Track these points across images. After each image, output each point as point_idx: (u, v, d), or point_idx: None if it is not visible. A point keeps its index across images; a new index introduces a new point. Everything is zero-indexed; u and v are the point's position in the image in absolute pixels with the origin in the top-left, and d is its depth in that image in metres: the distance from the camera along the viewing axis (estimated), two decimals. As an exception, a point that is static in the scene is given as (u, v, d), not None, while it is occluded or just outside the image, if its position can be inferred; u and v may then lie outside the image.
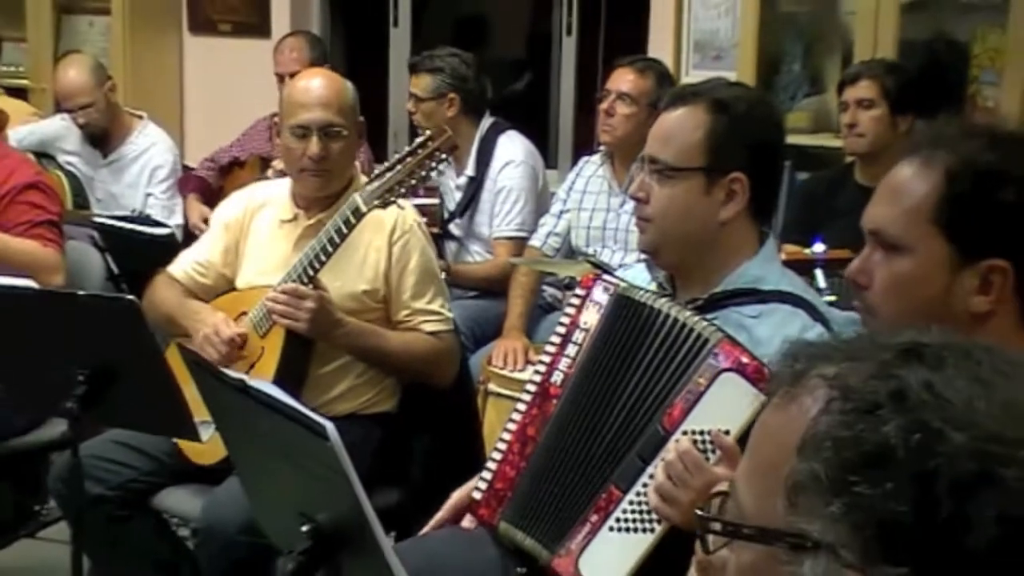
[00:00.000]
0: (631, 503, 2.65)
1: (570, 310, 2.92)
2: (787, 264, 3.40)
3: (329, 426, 2.32)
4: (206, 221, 5.58)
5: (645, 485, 2.60)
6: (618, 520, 2.66)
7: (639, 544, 2.62)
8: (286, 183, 4.00)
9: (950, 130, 2.23)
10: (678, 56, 6.07)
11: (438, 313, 3.90)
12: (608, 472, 2.70)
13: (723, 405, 2.53)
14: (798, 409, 1.20)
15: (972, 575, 1.10)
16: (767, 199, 2.94)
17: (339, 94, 3.90)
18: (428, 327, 3.86)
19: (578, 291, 2.93)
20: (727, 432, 2.47)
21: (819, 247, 4.53)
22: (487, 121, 5.70)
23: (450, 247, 5.60)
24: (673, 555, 2.37)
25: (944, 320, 2.02)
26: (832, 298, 3.93)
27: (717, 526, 1.26)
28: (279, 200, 3.99)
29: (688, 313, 2.69)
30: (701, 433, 2.54)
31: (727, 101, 2.85)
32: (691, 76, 5.93)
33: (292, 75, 5.29)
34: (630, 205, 3.72)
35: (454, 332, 4.04)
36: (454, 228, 5.66)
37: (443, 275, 4.86)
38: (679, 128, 2.85)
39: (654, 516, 2.59)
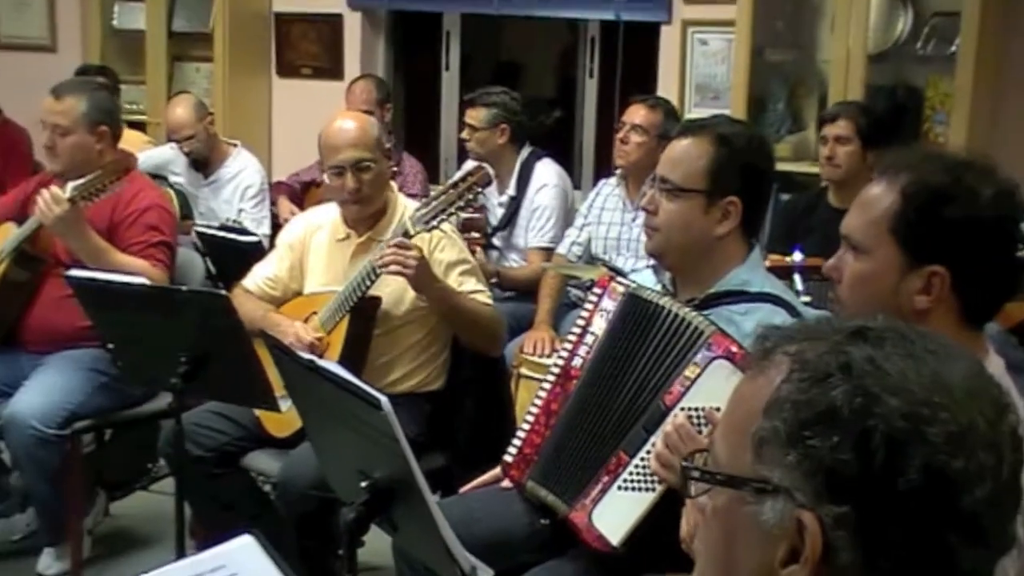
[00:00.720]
0: (636, 467, 2.66)
1: (589, 305, 2.94)
2: (770, 269, 3.41)
3: (383, 399, 2.34)
4: (293, 213, 5.71)
5: (648, 452, 2.62)
6: (625, 481, 2.68)
7: (642, 501, 2.63)
8: (336, 207, 4.01)
9: (913, 155, 2.24)
10: (682, 96, 6.06)
11: (483, 291, 3.92)
12: (618, 440, 2.72)
13: (714, 386, 2.53)
14: (766, 380, 1.22)
15: (901, 512, 1.13)
16: (756, 218, 2.96)
17: (365, 132, 3.89)
18: (481, 298, 3.88)
19: (596, 289, 2.95)
20: (718, 409, 2.46)
21: (797, 256, 4.52)
22: (526, 150, 5.69)
23: (492, 255, 5.61)
24: (670, 511, 2.38)
25: (893, 313, 2.03)
26: (807, 299, 3.92)
27: (697, 474, 1.28)
28: (333, 222, 4.01)
29: (687, 309, 2.71)
30: (696, 410, 2.56)
31: (729, 136, 2.86)
32: (693, 112, 5.94)
33: (362, 111, 5.34)
34: (641, 219, 3.72)
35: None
36: (496, 240, 5.66)
37: (494, 279, 4.91)
38: (687, 155, 2.86)
39: (655, 478, 2.60)
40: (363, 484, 2.43)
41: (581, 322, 2.93)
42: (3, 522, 4.53)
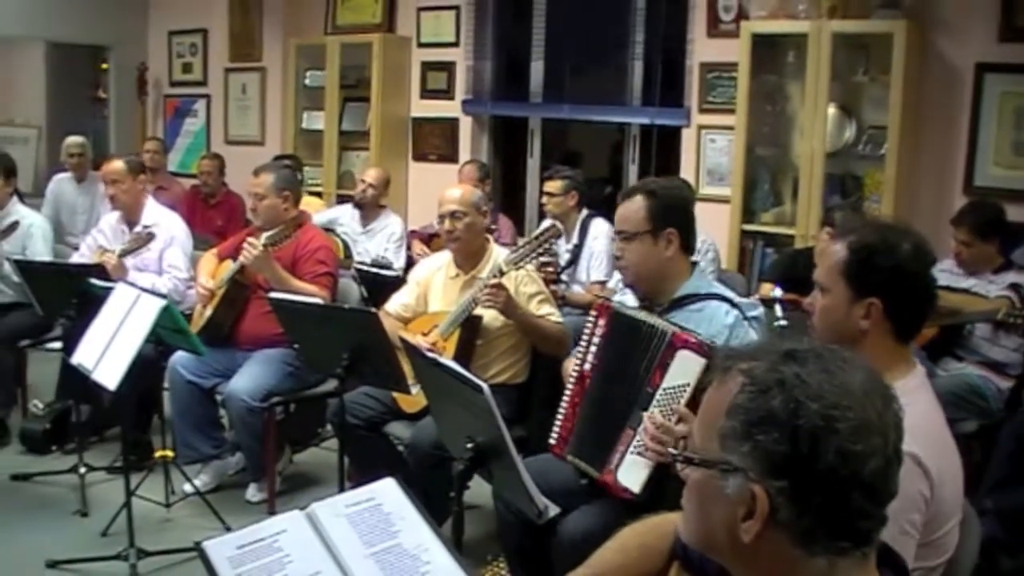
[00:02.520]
0: (639, 437, 2.65)
1: (589, 323, 2.91)
2: (761, 300, 3.40)
3: (484, 385, 2.35)
4: (424, 252, 5.78)
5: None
6: (635, 447, 2.66)
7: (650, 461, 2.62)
8: (448, 253, 4.05)
9: (856, 221, 2.27)
10: (697, 178, 6.03)
11: (554, 313, 3.91)
12: (625, 420, 2.70)
13: (682, 369, 2.57)
14: (726, 389, 1.25)
15: (822, 482, 1.16)
16: (691, 240, 2.97)
17: (463, 195, 3.93)
18: (553, 319, 3.87)
19: (592, 312, 2.93)
20: (686, 384, 2.54)
21: (778, 291, 4.46)
22: (585, 212, 5.70)
23: (561, 286, 5.59)
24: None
25: (845, 334, 2.08)
26: (785, 322, 3.84)
27: (682, 458, 1.31)
28: (447, 264, 4.04)
29: (655, 318, 2.73)
30: (673, 388, 2.57)
31: (655, 190, 2.95)
32: (705, 189, 5.93)
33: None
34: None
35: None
36: (564, 276, 5.64)
37: (561, 301, 4.89)
38: (631, 211, 2.94)
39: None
40: (469, 446, 2.43)
41: (586, 336, 2.90)
42: (222, 462, 4.58)
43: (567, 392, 2.93)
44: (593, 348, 2.86)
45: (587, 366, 2.87)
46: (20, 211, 5.35)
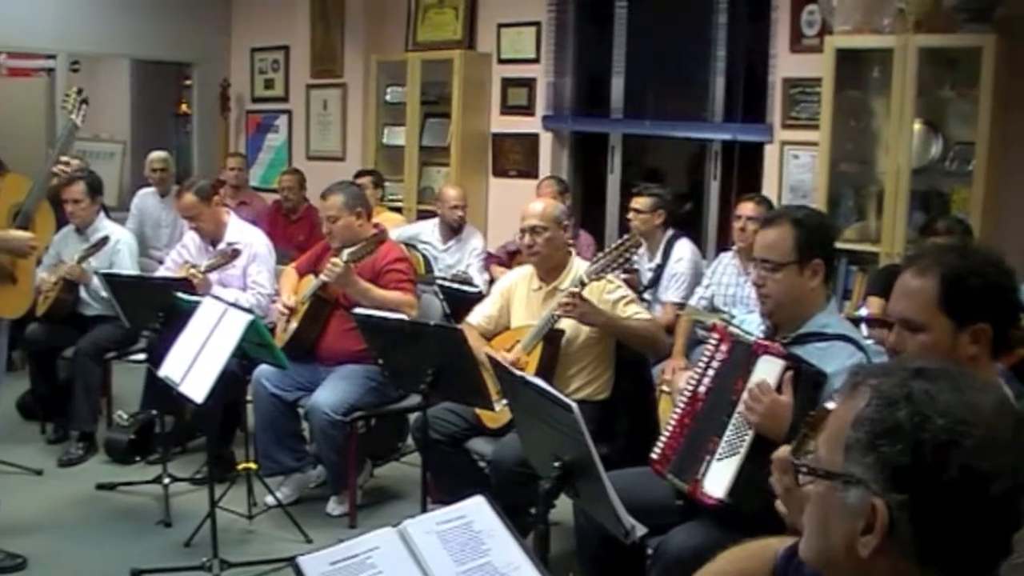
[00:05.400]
0: (724, 442, 2.73)
1: (711, 345, 2.91)
2: (847, 318, 3.36)
3: (573, 404, 2.35)
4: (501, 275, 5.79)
5: (730, 431, 2.71)
6: (719, 454, 2.73)
7: (732, 463, 2.69)
8: (531, 267, 4.09)
9: (934, 249, 2.25)
10: (780, 195, 5.92)
11: (642, 311, 3.93)
12: (713, 429, 2.76)
13: (762, 369, 2.67)
14: (853, 404, 1.25)
15: (945, 498, 1.15)
16: (831, 271, 2.94)
17: (544, 209, 3.98)
18: (642, 316, 3.89)
19: (715, 335, 2.92)
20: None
21: (864, 311, 4.41)
22: (670, 231, 5.65)
23: (643, 305, 5.55)
24: (756, 473, 2.34)
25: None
26: (870, 340, 3.80)
27: (805, 469, 1.31)
28: (530, 276, 4.07)
29: (752, 336, 2.82)
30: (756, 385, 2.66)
31: (801, 219, 2.90)
32: (788, 206, 5.82)
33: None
34: (750, 280, 3.66)
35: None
36: (646, 295, 5.60)
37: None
38: (776, 240, 2.87)
39: (738, 443, 2.68)
40: (555, 464, 2.43)
41: (705, 357, 2.89)
42: (303, 475, 4.63)
43: (676, 411, 2.92)
44: (711, 372, 2.86)
45: (702, 388, 2.87)
46: (108, 227, 5.52)
